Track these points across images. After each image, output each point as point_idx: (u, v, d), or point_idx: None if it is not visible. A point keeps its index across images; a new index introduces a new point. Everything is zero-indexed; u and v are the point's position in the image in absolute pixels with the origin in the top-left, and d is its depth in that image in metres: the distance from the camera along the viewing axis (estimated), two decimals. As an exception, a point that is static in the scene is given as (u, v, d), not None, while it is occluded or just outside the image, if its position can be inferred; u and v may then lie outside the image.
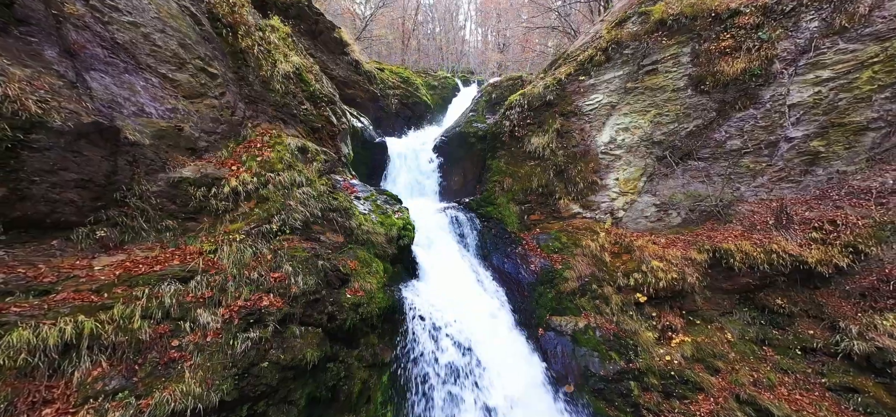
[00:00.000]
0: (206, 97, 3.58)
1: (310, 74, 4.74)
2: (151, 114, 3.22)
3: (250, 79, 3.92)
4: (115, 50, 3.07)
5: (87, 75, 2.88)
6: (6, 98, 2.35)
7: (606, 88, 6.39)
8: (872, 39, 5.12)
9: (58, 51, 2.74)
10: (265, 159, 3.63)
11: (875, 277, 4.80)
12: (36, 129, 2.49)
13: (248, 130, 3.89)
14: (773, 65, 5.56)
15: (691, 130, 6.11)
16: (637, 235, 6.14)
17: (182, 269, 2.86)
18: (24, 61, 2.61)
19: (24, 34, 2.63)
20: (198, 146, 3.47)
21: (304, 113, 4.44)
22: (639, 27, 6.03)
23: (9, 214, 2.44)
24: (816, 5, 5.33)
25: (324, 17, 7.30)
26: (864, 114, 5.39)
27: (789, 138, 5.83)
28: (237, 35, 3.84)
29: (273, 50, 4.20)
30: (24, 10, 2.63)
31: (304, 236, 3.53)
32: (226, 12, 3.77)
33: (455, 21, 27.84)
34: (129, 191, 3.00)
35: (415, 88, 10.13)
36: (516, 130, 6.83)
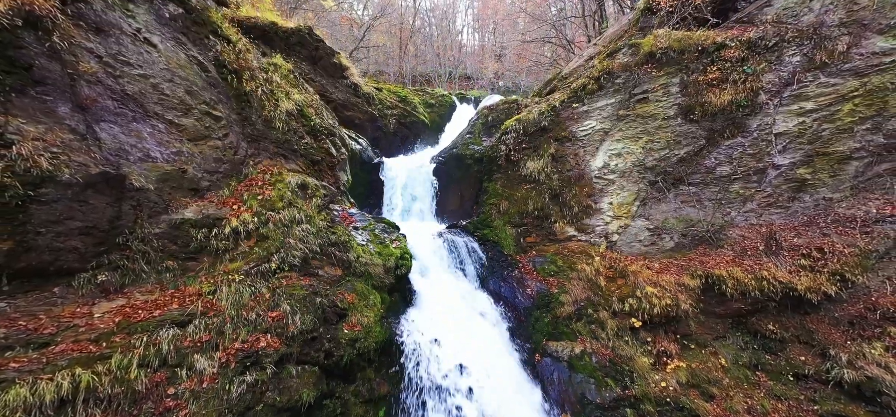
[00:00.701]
0: (210, 139, 3.67)
1: (310, 109, 4.86)
2: (157, 158, 3.30)
3: (253, 119, 4.03)
4: (124, 100, 3.17)
5: (96, 127, 2.96)
6: (19, 157, 2.42)
7: (599, 115, 6.57)
8: (851, 75, 5.35)
9: (71, 106, 2.82)
10: (266, 197, 3.71)
11: (862, 305, 4.91)
12: (46, 183, 2.56)
13: (250, 167, 3.97)
14: (759, 96, 5.76)
15: (682, 156, 6.28)
16: (631, 259, 6.24)
17: (181, 313, 2.90)
18: (38, 119, 2.69)
19: (40, 93, 2.72)
20: (200, 186, 3.54)
21: (304, 147, 4.54)
22: (629, 58, 6.24)
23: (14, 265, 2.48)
24: (798, 41, 5.56)
25: (324, 43, 7.47)
26: (847, 144, 5.58)
27: (777, 166, 6.00)
28: (242, 79, 3.95)
29: (275, 89, 4.32)
30: (41, 71, 2.73)
31: (303, 272, 3.58)
32: (232, 59, 3.90)
33: (453, 27, 28.39)
34: (132, 234, 3.05)
35: (412, 106, 10.30)
36: (512, 154, 6.97)
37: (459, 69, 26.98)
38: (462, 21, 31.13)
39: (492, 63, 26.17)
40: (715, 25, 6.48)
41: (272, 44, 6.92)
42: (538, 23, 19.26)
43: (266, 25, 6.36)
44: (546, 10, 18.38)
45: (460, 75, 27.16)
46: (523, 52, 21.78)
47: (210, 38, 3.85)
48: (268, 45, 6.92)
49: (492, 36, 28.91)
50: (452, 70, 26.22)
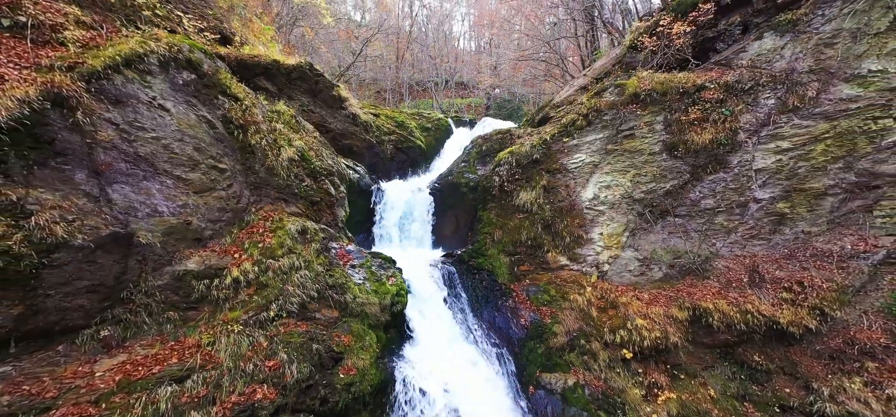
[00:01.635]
0: (214, 190, 3.81)
1: (311, 152, 5.04)
2: (163, 212, 3.42)
3: (256, 167, 4.19)
4: (136, 162, 3.32)
5: (109, 188, 3.09)
6: (37, 227, 2.54)
7: (589, 149, 6.84)
8: (822, 118, 5.69)
9: (87, 172, 2.96)
10: (266, 245, 3.83)
11: (841, 339, 5.10)
12: (59, 248, 2.67)
13: (252, 214, 4.10)
14: (738, 135, 6.08)
15: (668, 189, 6.54)
16: (622, 289, 6.40)
17: (180, 367, 2.98)
18: (56, 186, 2.82)
19: (60, 163, 2.87)
20: (203, 236, 3.67)
21: (304, 190, 4.70)
22: (616, 97, 6.56)
23: (22, 328, 2.57)
24: (772, 85, 5.92)
25: (323, 78, 7.74)
26: (822, 181, 5.89)
27: (757, 200, 6.28)
28: (247, 133, 4.13)
29: (278, 137, 4.50)
30: (62, 143, 2.88)
31: (301, 317, 3.68)
32: (238, 116, 4.07)
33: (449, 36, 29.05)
34: (136, 288, 3.15)
35: (409, 131, 10.55)
36: (505, 184, 7.18)
37: (456, 77, 27.59)
38: (459, 29, 31.90)
39: (488, 74, 26.85)
40: (695, 66, 6.85)
41: (274, 79, 7.16)
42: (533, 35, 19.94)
43: (268, 64, 6.61)
44: (540, 26, 19.06)
45: (457, 83, 27.73)
46: (518, 67, 22.42)
47: (219, 98, 4.04)
48: (270, 80, 7.16)
49: (488, 45, 29.62)
50: (449, 78, 26.80)
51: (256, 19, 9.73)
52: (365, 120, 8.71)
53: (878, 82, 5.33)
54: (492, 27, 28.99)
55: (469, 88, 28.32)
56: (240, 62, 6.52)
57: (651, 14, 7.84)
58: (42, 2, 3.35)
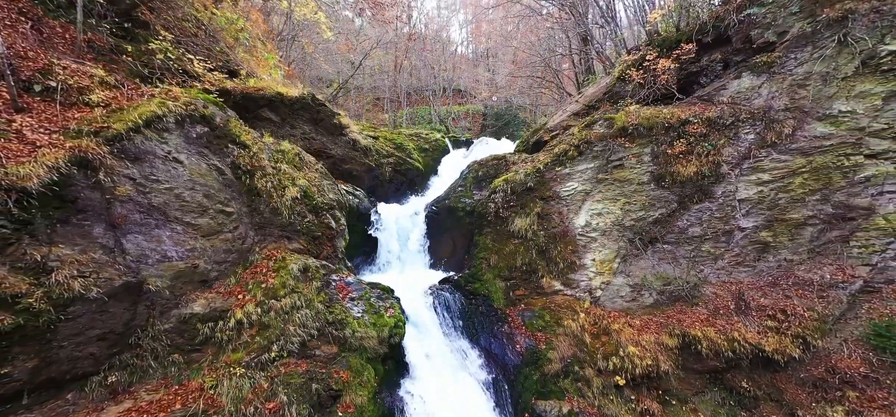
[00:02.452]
0: (221, 233, 3.97)
1: (313, 188, 5.23)
2: (172, 257, 3.57)
3: (261, 208, 4.37)
4: (149, 211, 3.48)
5: (123, 239, 3.24)
6: (56, 283, 2.68)
7: (581, 177, 7.11)
8: (798, 153, 6.02)
9: (104, 226, 3.12)
10: (269, 285, 3.97)
11: (823, 368, 5.30)
12: (75, 302, 2.80)
13: (256, 254, 4.26)
14: (721, 167, 6.38)
15: (657, 217, 6.79)
16: (614, 315, 6.58)
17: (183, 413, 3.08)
18: (75, 241, 2.97)
19: (81, 220, 3.02)
20: (209, 277, 3.80)
21: (306, 226, 4.87)
22: (605, 130, 6.87)
23: (35, 380, 2.68)
24: (751, 121, 6.26)
25: (325, 107, 8.00)
26: (801, 212, 6.18)
27: (742, 228, 6.55)
28: (254, 177, 4.33)
29: (283, 178, 4.69)
30: (83, 201, 3.04)
31: (301, 355, 3.80)
32: (246, 162, 4.28)
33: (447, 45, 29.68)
34: (144, 332, 3.27)
35: (407, 153, 10.80)
36: (501, 211, 7.40)
37: (454, 84, 28.17)
38: (457, 35, 32.63)
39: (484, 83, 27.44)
40: (680, 99, 7.21)
41: (278, 110, 7.40)
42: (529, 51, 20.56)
43: (272, 96, 6.85)
44: (536, 41, 19.68)
45: (455, 90, 28.24)
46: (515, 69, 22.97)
47: (229, 147, 4.25)
48: (274, 111, 7.40)
49: (485, 54, 30.28)
50: (447, 86, 27.37)
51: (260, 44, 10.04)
52: (364, 145, 8.95)
53: (849, 122, 5.68)
54: (489, 39, 29.76)
55: (466, 95, 28.89)
56: (245, 95, 6.76)
57: (638, 47, 8.26)
58: (70, 66, 3.56)
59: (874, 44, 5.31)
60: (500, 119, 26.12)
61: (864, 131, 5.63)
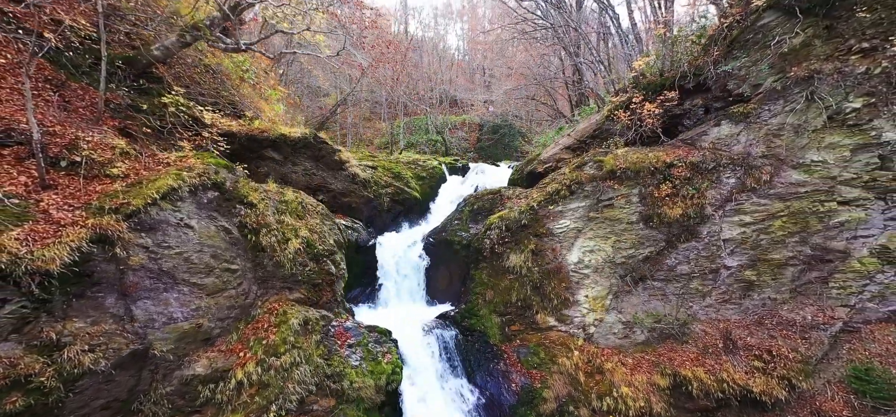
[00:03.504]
0: (226, 291, 4.12)
1: (314, 236, 5.43)
2: (178, 319, 3.70)
3: (265, 262, 4.55)
4: (159, 276, 3.64)
5: (133, 306, 3.38)
6: (68, 360, 2.80)
7: (572, 216, 7.37)
8: (777, 198, 6.35)
9: (116, 296, 3.27)
10: (270, 342, 4.09)
11: (808, 410, 5.46)
12: (84, 376, 2.91)
13: (258, 308, 4.39)
14: (706, 209, 6.69)
15: (646, 255, 7.04)
16: (607, 352, 6.71)
17: (186, 479, 3.14)
18: (88, 314, 3.11)
19: (95, 292, 3.17)
20: (212, 335, 3.92)
21: (307, 275, 5.03)
22: (595, 171, 7.19)
23: (41, 456, 2.75)
24: (732, 166, 6.62)
25: (326, 145, 8.30)
26: (782, 253, 6.46)
27: (727, 267, 6.81)
28: (259, 234, 4.52)
29: (286, 231, 4.89)
30: (99, 274, 3.20)
31: (299, 412, 3.89)
32: (252, 221, 4.48)
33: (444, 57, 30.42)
34: (146, 397, 3.36)
35: (405, 181, 11.05)
36: (496, 247, 7.61)
37: (450, 94, 28.76)
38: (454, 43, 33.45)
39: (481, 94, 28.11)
40: (665, 141, 7.59)
41: (280, 150, 7.67)
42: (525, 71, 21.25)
43: (275, 137, 7.13)
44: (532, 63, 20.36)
45: (451, 101, 28.76)
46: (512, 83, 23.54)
47: (237, 207, 4.45)
48: (277, 151, 7.66)
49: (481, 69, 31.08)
50: (443, 98, 27.97)
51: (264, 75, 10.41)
52: (364, 178, 9.20)
53: (821, 170, 6.05)
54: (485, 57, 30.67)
55: (463, 106, 29.50)
56: (250, 137, 7.03)
57: (626, 88, 8.71)
58: (94, 139, 3.78)
59: (838, 101, 5.74)
60: (497, 132, 26.64)
61: (836, 180, 5.99)
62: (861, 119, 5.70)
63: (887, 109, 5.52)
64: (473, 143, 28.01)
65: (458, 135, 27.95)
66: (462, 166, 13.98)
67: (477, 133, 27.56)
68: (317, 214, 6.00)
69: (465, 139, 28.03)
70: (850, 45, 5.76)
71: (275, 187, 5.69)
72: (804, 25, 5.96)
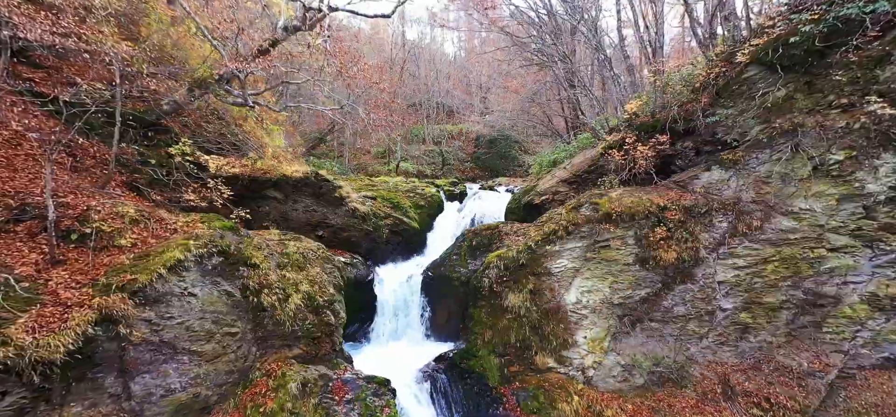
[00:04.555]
0: (225, 355, 4.13)
1: (315, 287, 5.48)
2: (176, 390, 3.70)
3: (265, 322, 4.58)
4: (160, 348, 3.66)
5: (131, 383, 3.39)
6: None
7: (570, 255, 7.47)
8: (768, 244, 6.50)
9: (115, 375, 3.28)
10: (267, 410, 4.06)
11: (809, 463, 5.44)
12: None
13: (256, 371, 4.39)
14: (700, 252, 6.82)
15: (643, 296, 7.11)
16: (607, 398, 6.69)
17: None
18: (86, 397, 3.11)
19: (95, 374, 3.18)
20: (209, 403, 3.91)
21: (306, 329, 5.06)
22: (591, 212, 7.35)
23: None
24: (723, 211, 6.80)
25: (327, 182, 8.45)
26: (776, 296, 6.57)
27: (723, 309, 6.89)
28: (260, 295, 4.58)
29: (288, 287, 4.95)
30: (101, 355, 3.22)
31: (297, 480, 3.84)
32: (255, 283, 4.55)
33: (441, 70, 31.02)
34: (140, 477, 3.31)
35: (404, 211, 11.16)
36: (494, 285, 7.66)
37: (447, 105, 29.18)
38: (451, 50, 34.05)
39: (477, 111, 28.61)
40: (659, 181, 7.80)
41: (282, 189, 7.79)
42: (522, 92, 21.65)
43: (278, 178, 7.26)
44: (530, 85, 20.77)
45: (448, 110, 29.10)
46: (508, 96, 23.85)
47: (240, 269, 4.51)
48: (278, 190, 7.78)
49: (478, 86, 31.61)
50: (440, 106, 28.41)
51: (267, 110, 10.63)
52: (363, 212, 9.31)
53: (809, 218, 6.23)
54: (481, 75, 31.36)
55: (459, 115, 29.92)
56: (253, 179, 7.15)
57: (619, 128, 9.00)
58: (104, 210, 3.87)
59: (821, 153, 5.98)
60: (494, 145, 26.99)
61: (824, 228, 6.16)
62: (844, 171, 5.93)
63: (868, 163, 5.76)
64: (470, 153, 28.33)
65: (455, 144, 28.30)
66: (460, 192, 14.15)
67: (474, 143, 27.94)
68: (317, 260, 6.05)
69: (462, 149, 28.35)
70: (829, 101, 6.05)
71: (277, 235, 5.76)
72: (785, 81, 6.27)
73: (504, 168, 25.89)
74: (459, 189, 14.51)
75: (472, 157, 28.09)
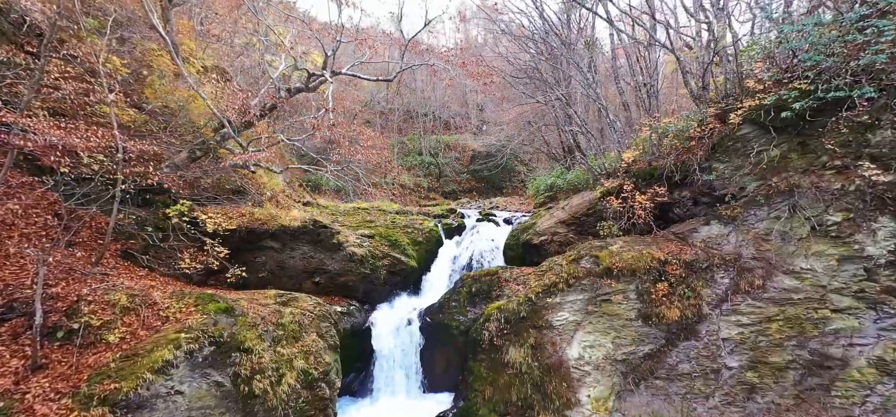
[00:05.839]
0: None
1: (310, 358, 5.31)
2: None
3: (256, 409, 4.40)
4: None
5: None
6: None
7: (571, 308, 7.34)
8: (771, 303, 6.43)
9: None
10: None
11: None
12: None
13: None
14: (703, 308, 6.72)
15: (647, 352, 6.95)
16: (613, 464, 6.40)
17: None
18: None
19: None
20: None
21: (300, 407, 4.85)
22: (591, 266, 7.28)
23: None
24: (724, 266, 6.75)
25: (325, 229, 8.37)
26: (782, 356, 6.43)
27: (729, 367, 6.72)
28: (252, 382, 4.42)
29: (282, 365, 4.79)
30: None
31: None
32: (247, 370, 4.40)
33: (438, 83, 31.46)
34: None
35: (402, 249, 11.03)
36: (495, 339, 7.47)
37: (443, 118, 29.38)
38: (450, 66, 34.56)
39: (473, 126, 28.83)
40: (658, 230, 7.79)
41: (280, 239, 7.70)
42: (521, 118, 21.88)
43: (276, 229, 7.18)
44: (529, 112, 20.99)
45: (444, 122, 29.18)
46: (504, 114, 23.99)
47: (233, 355, 4.36)
48: (276, 240, 7.69)
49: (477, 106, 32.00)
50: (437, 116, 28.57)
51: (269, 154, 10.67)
52: (361, 255, 9.19)
53: (811, 278, 6.19)
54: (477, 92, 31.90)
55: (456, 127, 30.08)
56: (250, 230, 7.06)
57: (617, 173, 9.08)
58: (94, 298, 3.75)
59: (819, 214, 6.00)
60: (491, 160, 27.09)
61: (827, 288, 6.11)
62: (843, 232, 5.94)
63: (866, 226, 5.78)
64: (467, 163, 28.38)
65: (452, 156, 28.40)
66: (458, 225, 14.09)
67: (470, 154, 28.04)
68: (314, 325, 5.89)
69: (458, 160, 28.42)
70: (823, 162, 6.13)
71: (273, 297, 5.62)
72: (779, 141, 6.38)
73: (501, 180, 25.78)
74: (457, 223, 14.45)
75: (469, 169, 28.16)
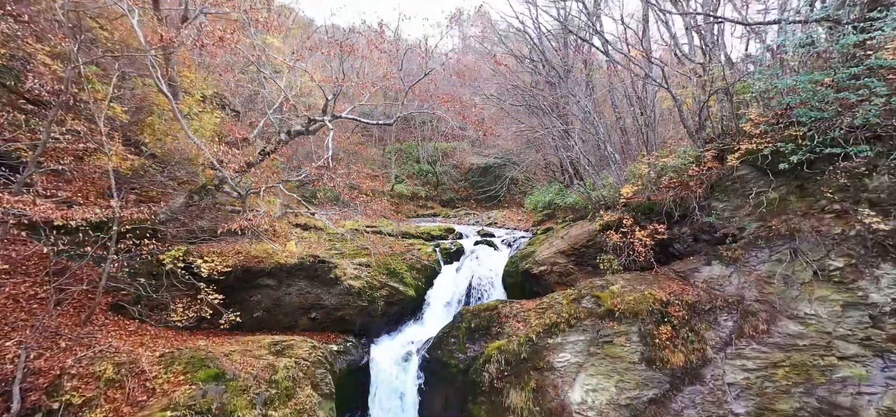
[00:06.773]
0: None
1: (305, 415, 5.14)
2: None
3: None
4: None
5: None
6: None
7: (573, 349, 7.18)
8: (776, 348, 6.31)
9: None
10: None
11: None
12: None
13: None
14: (707, 352, 6.59)
15: (652, 397, 6.76)
16: None
17: None
18: None
19: None
20: None
21: None
22: (593, 306, 7.18)
23: None
24: (727, 308, 6.65)
25: (322, 264, 8.28)
26: (789, 403, 6.25)
27: (735, 413, 6.53)
28: None
29: None
30: None
31: None
32: None
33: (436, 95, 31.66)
34: None
35: (400, 279, 10.88)
36: (495, 381, 7.27)
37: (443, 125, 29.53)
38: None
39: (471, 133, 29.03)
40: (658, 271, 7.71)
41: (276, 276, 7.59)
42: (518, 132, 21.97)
43: (272, 267, 7.09)
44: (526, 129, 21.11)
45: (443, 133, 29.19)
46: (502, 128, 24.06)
47: None
48: (272, 278, 7.58)
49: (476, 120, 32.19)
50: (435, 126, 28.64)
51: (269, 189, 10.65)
52: (358, 288, 9.05)
53: (816, 324, 6.09)
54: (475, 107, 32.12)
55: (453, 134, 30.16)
56: (245, 269, 6.95)
57: (616, 206, 9.08)
58: (77, 376, 3.61)
59: (820, 259, 5.96)
60: (488, 172, 27.05)
61: (832, 335, 6.01)
62: (845, 278, 5.88)
63: (869, 272, 5.73)
64: (465, 172, 28.32)
65: (450, 163, 28.37)
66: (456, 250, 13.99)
67: (468, 163, 28.01)
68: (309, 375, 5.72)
69: (456, 168, 28.38)
70: (823, 205, 6.14)
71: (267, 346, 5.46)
72: (777, 184, 6.40)
73: (499, 189, 25.69)
74: (455, 246, 14.34)
75: (467, 178, 28.13)
